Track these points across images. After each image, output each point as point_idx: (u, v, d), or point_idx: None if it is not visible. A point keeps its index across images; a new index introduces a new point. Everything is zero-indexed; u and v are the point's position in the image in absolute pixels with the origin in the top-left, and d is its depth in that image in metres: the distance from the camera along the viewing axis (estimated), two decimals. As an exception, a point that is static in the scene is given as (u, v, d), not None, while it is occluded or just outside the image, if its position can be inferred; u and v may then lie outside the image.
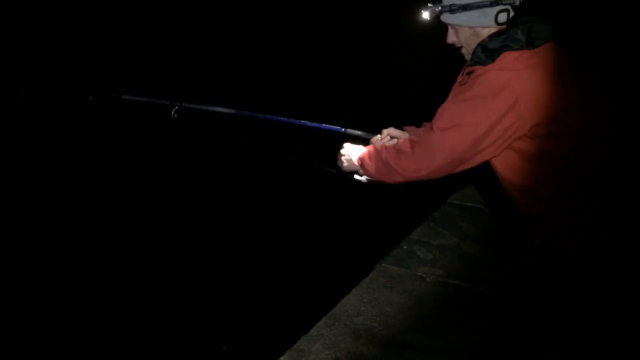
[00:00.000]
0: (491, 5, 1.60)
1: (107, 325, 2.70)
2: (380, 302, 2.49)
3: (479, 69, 1.61)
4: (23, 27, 6.85)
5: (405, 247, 2.88)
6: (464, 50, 1.72)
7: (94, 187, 4.16)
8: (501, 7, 1.61)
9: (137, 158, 4.56)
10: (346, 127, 2.06)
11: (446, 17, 1.68)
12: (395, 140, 1.93)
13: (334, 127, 2.07)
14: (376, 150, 1.82)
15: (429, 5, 1.68)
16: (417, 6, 1.71)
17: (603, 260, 1.68)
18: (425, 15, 1.68)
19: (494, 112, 1.54)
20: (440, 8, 1.67)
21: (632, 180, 1.64)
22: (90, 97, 2.13)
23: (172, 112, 2.10)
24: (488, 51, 1.60)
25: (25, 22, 6.99)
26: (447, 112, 1.63)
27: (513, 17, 1.61)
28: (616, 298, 1.75)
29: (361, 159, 1.85)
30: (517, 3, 1.62)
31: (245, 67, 6.72)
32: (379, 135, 1.97)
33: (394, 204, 3.43)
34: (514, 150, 1.61)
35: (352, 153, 1.90)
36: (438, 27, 1.71)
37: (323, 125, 2.10)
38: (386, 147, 1.79)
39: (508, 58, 1.57)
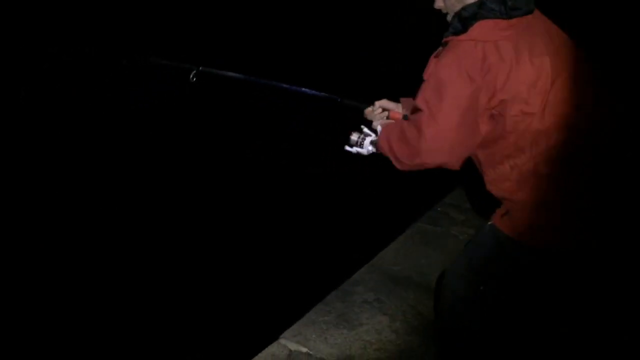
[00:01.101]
0: None
1: (105, 320, 2.94)
2: (416, 255, 2.93)
3: (453, 40, 1.63)
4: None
5: (439, 209, 3.33)
6: (449, 17, 1.73)
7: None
8: None
9: (156, 119, 4.96)
10: (342, 97, 2.18)
11: None
12: (387, 113, 2.01)
13: (332, 95, 2.23)
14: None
15: None
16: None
17: (601, 260, 1.92)
18: None
19: (472, 93, 1.57)
20: None
21: (620, 170, 1.67)
22: (124, 60, 2.45)
23: (191, 76, 2.30)
24: (462, 20, 1.62)
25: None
26: (429, 100, 1.64)
27: None
28: (615, 298, 2.08)
29: (380, 143, 1.87)
30: None
31: (256, 33, 7.14)
32: (371, 107, 2.03)
33: (428, 172, 3.89)
34: (486, 124, 1.63)
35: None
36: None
37: (322, 93, 2.28)
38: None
39: (481, 27, 1.58)
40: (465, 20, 1.61)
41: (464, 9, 1.63)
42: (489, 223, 1.78)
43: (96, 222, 3.89)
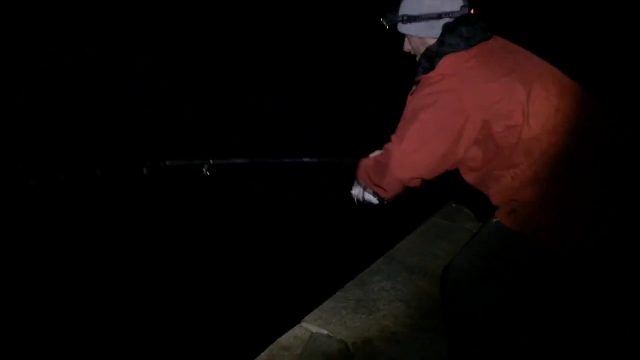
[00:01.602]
0: (438, 18, 1.90)
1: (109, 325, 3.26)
2: (431, 247, 3.20)
3: (425, 78, 1.88)
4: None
5: (454, 205, 3.60)
6: (418, 59, 2.01)
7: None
8: (447, 20, 1.90)
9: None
10: (343, 158, 2.40)
11: (400, 27, 2.00)
12: None
13: (332, 159, 2.48)
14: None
15: (387, 13, 2.02)
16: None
17: (605, 259, 1.97)
18: (384, 23, 2.02)
19: (442, 120, 1.81)
20: (395, 17, 2.00)
21: (616, 166, 1.82)
22: (145, 169, 2.48)
23: (205, 170, 2.44)
24: (429, 59, 1.89)
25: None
26: (401, 128, 1.91)
27: (449, 24, 1.90)
28: (616, 296, 2.19)
29: (359, 175, 2.18)
30: (465, 13, 1.89)
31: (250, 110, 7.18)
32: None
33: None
34: (476, 148, 1.86)
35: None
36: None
37: (322, 159, 2.52)
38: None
39: (446, 62, 1.84)
40: (432, 58, 1.88)
41: (428, 49, 1.91)
42: (495, 220, 1.94)
43: (102, 224, 4.21)
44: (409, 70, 2.06)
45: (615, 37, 5.92)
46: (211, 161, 2.46)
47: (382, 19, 2.02)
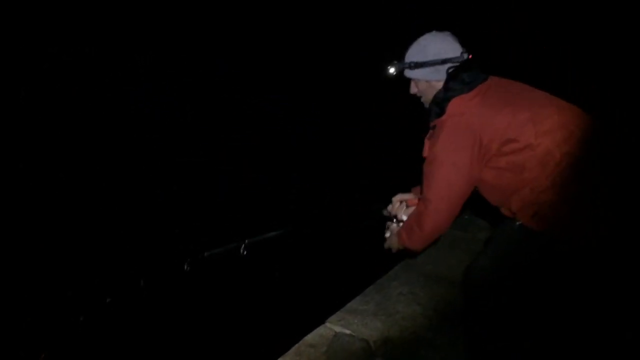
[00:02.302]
0: (442, 63, 2.29)
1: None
2: (446, 255, 3.56)
3: (438, 122, 2.27)
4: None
5: (466, 217, 3.98)
6: (423, 99, 2.42)
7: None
8: (450, 64, 2.29)
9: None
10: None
11: (407, 72, 2.38)
12: (404, 203, 2.74)
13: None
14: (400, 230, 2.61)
15: (394, 62, 2.39)
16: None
17: (617, 254, 2.25)
18: (392, 70, 2.38)
19: (464, 153, 2.19)
20: (402, 64, 2.37)
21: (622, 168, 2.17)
22: (186, 265, 2.65)
23: (242, 250, 2.67)
24: (438, 104, 2.28)
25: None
26: (425, 171, 2.33)
27: (452, 72, 2.28)
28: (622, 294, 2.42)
29: (401, 241, 2.61)
30: (465, 58, 2.28)
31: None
32: (390, 205, 2.70)
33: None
34: (494, 169, 2.22)
35: (392, 243, 2.74)
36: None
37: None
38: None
39: (454, 105, 2.24)
40: (440, 103, 2.27)
41: (436, 95, 2.30)
42: (518, 223, 2.23)
43: (103, 222, 4.56)
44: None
45: (615, 37, 6.23)
46: (246, 240, 2.73)
47: (388, 67, 2.38)
